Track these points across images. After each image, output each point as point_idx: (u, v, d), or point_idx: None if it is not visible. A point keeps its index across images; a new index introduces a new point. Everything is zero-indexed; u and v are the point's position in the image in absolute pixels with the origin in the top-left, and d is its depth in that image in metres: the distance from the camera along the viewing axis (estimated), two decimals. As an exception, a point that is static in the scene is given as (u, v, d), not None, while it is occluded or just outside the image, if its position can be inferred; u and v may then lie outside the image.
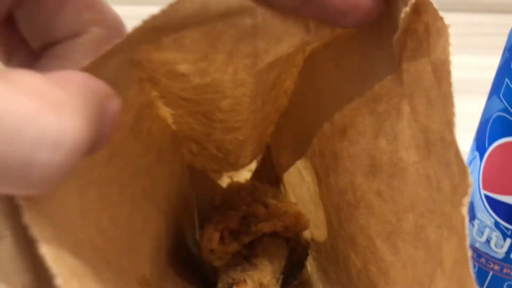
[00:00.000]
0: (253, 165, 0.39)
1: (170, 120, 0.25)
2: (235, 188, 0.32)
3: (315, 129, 0.23)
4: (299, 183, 0.30)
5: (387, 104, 0.18)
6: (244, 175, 0.39)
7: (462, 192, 0.13)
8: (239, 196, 0.30)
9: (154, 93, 0.21)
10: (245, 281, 0.22)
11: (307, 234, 0.30)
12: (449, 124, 0.14)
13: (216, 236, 0.25)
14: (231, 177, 0.39)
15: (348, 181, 0.21)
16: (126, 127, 0.19)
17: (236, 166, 0.31)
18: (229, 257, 0.26)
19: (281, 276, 0.28)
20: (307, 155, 0.27)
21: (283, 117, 0.30)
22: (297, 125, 0.27)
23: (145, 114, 0.21)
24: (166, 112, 0.23)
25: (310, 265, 0.36)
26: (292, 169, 0.31)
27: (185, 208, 0.32)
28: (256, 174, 0.40)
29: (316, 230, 0.30)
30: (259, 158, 0.38)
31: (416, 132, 0.16)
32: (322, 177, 0.25)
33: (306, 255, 0.30)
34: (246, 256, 0.26)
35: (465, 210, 0.13)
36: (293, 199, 0.32)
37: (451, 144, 0.14)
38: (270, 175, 0.39)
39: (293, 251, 0.29)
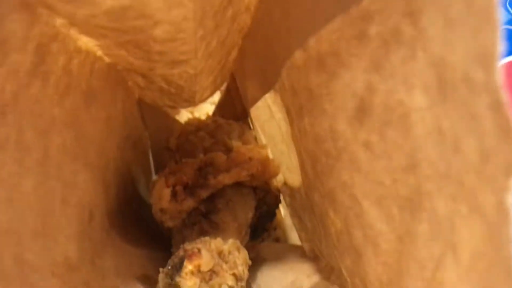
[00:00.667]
0: (216, 97, 0.34)
1: (99, 52, 0.19)
2: (193, 127, 0.27)
3: (284, 57, 0.18)
4: (269, 119, 0.25)
5: (382, 25, 0.12)
6: (206, 108, 0.34)
7: (501, 163, 0.09)
8: (197, 138, 0.25)
9: (60, 21, 0.15)
10: (199, 252, 0.18)
11: (278, 177, 0.26)
12: (484, 57, 0.09)
13: (167, 192, 0.21)
14: (191, 112, 0.34)
15: (327, 126, 0.16)
16: (22, 71, 0.14)
17: (193, 102, 0.26)
18: (184, 216, 0.21)
19: (249, 230, 0.24)
20: (276, 88, 0.22)
21: (247, 40, 0.24)
22: (263, 51, 0.22)
23: (52, 50, 0.15)
24: (89, 44, 0.18)
25: (284, 209, 0.32)
26: (260, 103, 0.26)
27: (135, 151, 0.27)
28: (220, 107, 0.34)
29: (289, 173, 0.25)
30: (223, 88, 0.33)
31: (425, 66, 0.11)
32: (295, 117, 0.20)
33: (277, 204, 0.26)
34: (205, 213, 0.22)
35: (510, 198, 0.08)
36: (262, 137, 0.27)
37: (485, 89, 0.09)
38: (236, 108, 0.34)
39: (262, 201, 0.25)
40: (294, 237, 0.31)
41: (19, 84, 0.14)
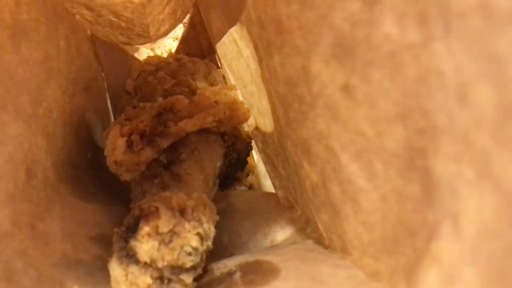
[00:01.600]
0: (179, 31, 0.31)
1: None
2: (152, 66, 0.24)
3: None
4: (236, 57, 0.23)
5: None
6: (169, 44, 0.31)
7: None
8: (156, 79, 0.23)
9: None
10: (156, 211, 0.16)
11: (250, 120, 0.23)
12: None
13: (121, 142, 0.18)
14: (152, 49, 0.31)
15: (300, 67, 0.14)
16: None
17: (149, 37, 0.23)
18: (142, 169, 0.19)
19: (217, 181, 0.22)
20: (242, 20, 0.19)
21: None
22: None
23: None
24: None
25: (257, 155, 0.30)
26: (226, 39, 0.23)
27: (88, 95, 0.24)
28: (183, 42, 0.31)
29: (260, 117, 0.23)
30: (186, 21, 0.30)
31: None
32: (263, 55, 0.17)
33: (248, 151, 0.23)
34: (167, 165, 0.19)
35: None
36: (231, 77, 0.25)
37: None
38: (202, 43, 0.31)
39: (231, 148, 0.22)
40: (268, 185, 0.29)
41: None
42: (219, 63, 0.28)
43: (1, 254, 0.13)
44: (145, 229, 0.15)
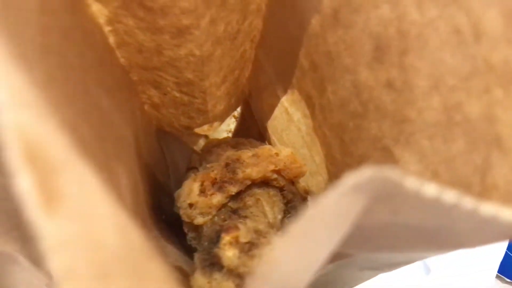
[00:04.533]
0: (232, 125, 0.36)
1: (112, 40, 0.21)
2: (214, 142, 0.29)
3: (301, 34, 0.20)
4: (287, 126, 0.27)
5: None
6: (222, 136, 0.36)
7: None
8: (220, 148, 0.27)
9: None
10: (235, 226, 0.18)
11: (302, 183, 0.27)
12: None
13: (196, 187, 0.22)
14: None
15: (350, 83, 0.18)
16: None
17: (206, 114, 0.28)
18: (213, 212, 0.22)
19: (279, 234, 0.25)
20: (293, 83, 0.24)
21: (260, 50, 0.26)
22: (278, 47, 0.24)
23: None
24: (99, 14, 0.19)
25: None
26: (277, 111, 0.27)
27: (158, 163, 0.29)
28: (236, 135, 0.36)
29: (312, 178, 0.26)
30: (236, 114, 0.35)
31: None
32: (316, 99, 0.22)
33: (305, 207, 0.26)
34: (235, 210, 0.23)
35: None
36: (283, 149, 0.29)
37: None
38: (252, 134, 0.36)
39: (290, 205, 0.26)
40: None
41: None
42: (269, 143, 0.32)
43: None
44: (227, 238, 0.18)
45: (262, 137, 0.33)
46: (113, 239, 0.09)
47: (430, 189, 0.09)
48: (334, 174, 0.23)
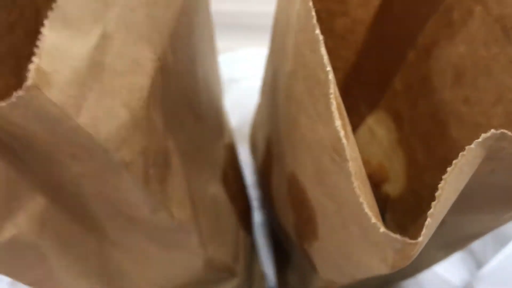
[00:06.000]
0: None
1: None
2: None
3: (397, 64, 0.27)
4: (368, 141, 0.34)
5: (460, 10, 0.21)
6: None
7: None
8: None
9: None
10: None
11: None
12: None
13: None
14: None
15: (437, 100, 0.25)
16: None
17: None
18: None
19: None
20: (380, 104, 0.31)
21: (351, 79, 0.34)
22: (371, 76, 0.31)
23: None
24: None
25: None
26: (360, 131, 0.34)
27: None
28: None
29: (389, 186, 0.32)
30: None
31: (491, 25, 0.20)
32: (406, 114, 0.28)
33: (384, 211, 0.33)
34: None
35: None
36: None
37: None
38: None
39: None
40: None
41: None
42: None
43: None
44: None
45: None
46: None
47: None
48: (414, 177, 0.30)
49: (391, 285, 0.31)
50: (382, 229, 0.14)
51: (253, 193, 0.39)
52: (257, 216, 0.39)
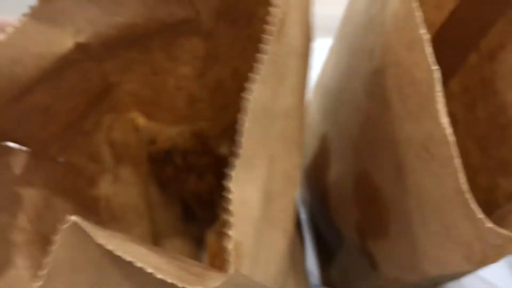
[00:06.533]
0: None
1: None
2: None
3: (457, 66, 0.27)
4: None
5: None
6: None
7: None
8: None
9: None
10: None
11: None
12: None
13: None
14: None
15: (499, 102, 0.25)
16: None
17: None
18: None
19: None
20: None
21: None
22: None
23: None
24: None
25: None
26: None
27: None
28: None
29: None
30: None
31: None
32: (462, 117, 0.29)
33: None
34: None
35: None
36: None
37: None
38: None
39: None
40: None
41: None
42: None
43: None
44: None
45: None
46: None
47: None
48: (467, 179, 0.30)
49: (439, 286, 0.32)
50: (489, 224, 0.14)
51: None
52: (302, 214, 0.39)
